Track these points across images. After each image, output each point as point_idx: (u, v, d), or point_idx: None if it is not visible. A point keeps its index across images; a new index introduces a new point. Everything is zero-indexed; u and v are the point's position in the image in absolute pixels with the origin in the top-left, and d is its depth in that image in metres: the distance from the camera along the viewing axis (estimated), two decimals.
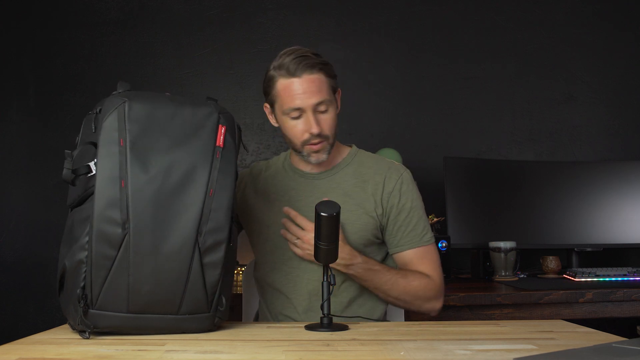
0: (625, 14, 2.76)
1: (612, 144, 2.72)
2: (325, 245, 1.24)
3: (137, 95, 1.15)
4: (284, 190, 1.56)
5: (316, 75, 1.44)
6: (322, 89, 1.45)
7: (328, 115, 1.47)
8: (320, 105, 1.45)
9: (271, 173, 1.62)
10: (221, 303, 1.17)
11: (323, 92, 1.45)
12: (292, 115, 1.45)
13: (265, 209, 1.55)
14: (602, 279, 2.10)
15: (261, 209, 1.56)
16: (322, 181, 1.56)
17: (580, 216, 2.42)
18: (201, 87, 2.60)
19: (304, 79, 1.43)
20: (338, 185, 1.55)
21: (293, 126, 1.47)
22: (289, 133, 1.49)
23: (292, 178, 1.58)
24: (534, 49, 2.73)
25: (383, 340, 1.12)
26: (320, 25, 2.66)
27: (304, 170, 1.58)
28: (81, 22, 2.60)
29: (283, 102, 1.45)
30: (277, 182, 1.59)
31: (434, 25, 2.70)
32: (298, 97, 1.43)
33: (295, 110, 1.44)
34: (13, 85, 2.58)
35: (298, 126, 1.46)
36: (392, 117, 2.64)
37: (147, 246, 1.08)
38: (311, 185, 1.56)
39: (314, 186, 1.55)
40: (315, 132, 1.44)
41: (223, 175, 1.15)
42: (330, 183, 1.56)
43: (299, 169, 1.59)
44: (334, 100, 1.49)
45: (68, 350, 1.03)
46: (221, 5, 2.65)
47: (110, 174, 1.08)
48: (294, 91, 1.43)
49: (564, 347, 1.00)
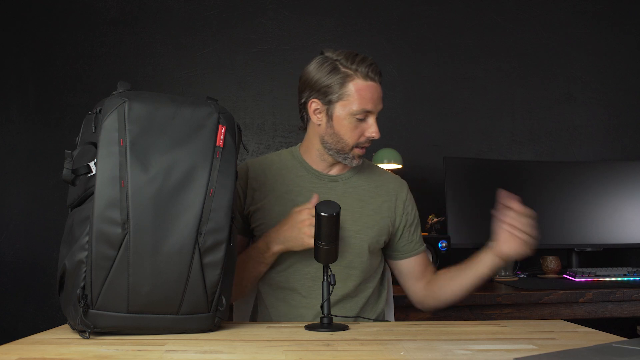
0: (625, 14, 2.76)
1: (612, 144, 2.72)
2: (325, 245, 1.24)
3: (137, 95, 1.15)
4: (298, 188, 1.55)
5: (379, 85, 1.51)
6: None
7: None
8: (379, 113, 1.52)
9: (280, 168, 1.58)
10: (221, 303, 1.17)
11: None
12: (359, 117, 1.48)
13: (276, 205, 1.52)
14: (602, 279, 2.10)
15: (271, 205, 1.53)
16: (338, 184, 1.57)
17: (580, 216, 2.42)
18: (201, 87, 2.60)
19: (378, 86, 1.49)
20: (354, 189, 1.57)
21: (354, 127, 1.49)
22: (345, 133, 1.49)
23: (305, 177, 1.57)
24: (534, 49, 2.73)
25: (383, 340, 1.12)
26: (320, 25, 2.66)
27: (319, 171, 1.57)
28: (81, 22, 2.60)
29: (355, 102, 1.47)
30: (290, 179, 1.56)
31: (434, 25, 2.70)
32: (372, 101, 1.47)
33: (366, 113, 1.48)
34: (13, 85, 2.58)
35: (359, 128, 1.49)
36: (392, 117, 2.64)
37: (147, 246, 1.08)
38: (327, 187, 1.56)
39: (330, 188, 1.56)
40: (377, 137, 1.50)
41: (223, 176, 1.15)
42: (346, 187, 1.57)
43: (313, 168, 1.58)
44: None
45: (68, 350, 1.03)
46: (221, 5, 2.65)
47: (110, 174, 1.08)
48: (371, 95, 1.47)
49: (564, 347, 1.00)
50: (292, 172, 1.57)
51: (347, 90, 1.47)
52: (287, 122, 2.62)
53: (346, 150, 1.51)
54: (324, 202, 1.25)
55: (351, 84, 1.46)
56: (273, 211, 1.52)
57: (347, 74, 1.47)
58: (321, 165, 1.58)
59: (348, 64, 1.47)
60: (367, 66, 1.47)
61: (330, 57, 1.50)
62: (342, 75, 1.47)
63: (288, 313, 1.50)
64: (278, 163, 1.60)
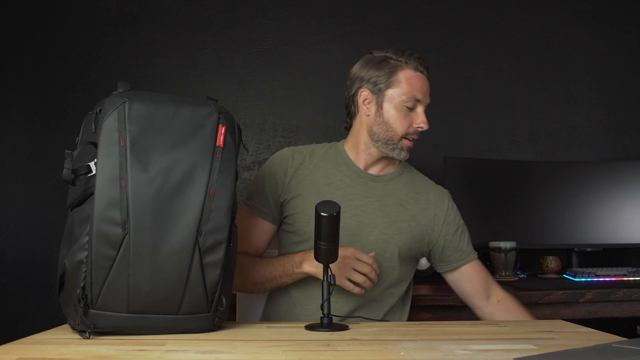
0: (625, 14, 2.76)
1: (612, 144, 2.72)
2: (325, 245, 1.24)
3: (137, 95, 1.15)
4: (339, 182, 1.53)
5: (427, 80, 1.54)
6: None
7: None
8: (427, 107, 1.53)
9: (322, 160, 1.57)
10: (221, 303, 1.17)
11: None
12: (408, 105, 1.49)
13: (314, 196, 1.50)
14: (602, 279, 2.10)
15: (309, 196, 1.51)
16: (378, 184, 1.56)
17: (580, 216, 2.42)
18: (201, 87, 2.60)
19: (426, 79, 1.53)
20: (394, 192, 1.56)
21: (404, 116, 1.50)
22: (395, 121, 1.51)
23: (346, 173, 1.55)
24: (534, 49, 2.73)
25: (383, 340, 1.12)
26: (320, 25, 2.66)
27: (361, 169, 1.56)
28: (81, 22, 2.60)
29: (406, 90, 1.49)
30: (330, 172, 1.55)
31: (434, 25, 2.70)
32: (422, 90, 1.50)
33: (415, 102, 1.50)
34: (13, 85, 2.58)
35: (409, 117, 1.51)
36: None
37: (147, 246, 1.08)
38: (367, 186, 1.55)
39: (370, 188, 1.55)
40: (425, 127, 1.51)
41: (223, 176, 1.15)
42: (386, 189, 1.56)
43: (356, 165, 1.56)
44: None
45: (68, 350, 1.03)
46: (221, 5, 2.65)
47: (110, 174, 1.09)
48: (420, 84, 1.50)
49: (564, 347, 1.00)
50: (333, 165, 1.56)
51: (397, 78, 1.50)
52: (287, 122, 2.62)
53: (395, 140, 1.51)
54: (324, 202, 1.25)
55: (401, 73, 1.50)
56: (310, 202, 1.49)
57: (397, 64, 1.51)
58: (364, 162, 1.56)
59: (397, 57, 1.52)
60: (415, 59, 1.51)
61: (378, 54, 1.56)
62: (391, 65, 1.51)
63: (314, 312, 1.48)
64: (321, 155, 1.58)
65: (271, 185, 1.53)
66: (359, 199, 1.52)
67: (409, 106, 1.49)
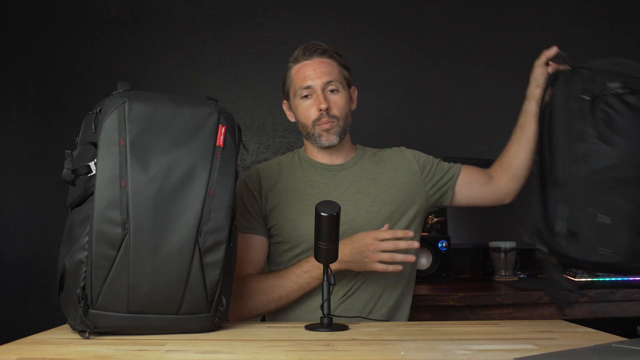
0: (625, 14, 2.76)
1: None
2: (325, 245, 1.24)
3: (137, 95, 1.15)
4: (311, 183, 1.57)
5: (327, 59, 1.55)
6: (333, 72, 1.54)
7: (338, 97, 1.55)
8: (330, 85, 1.53)
9: (289, 168, 1.61)
10: (221, 303, 1.17)
11: (333, 74, 1.54)
12: (303, 94, 1.53)
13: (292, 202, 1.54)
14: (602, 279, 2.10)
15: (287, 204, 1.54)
16: (347, 171, 1.60)
17: None
18: (201, 87, 2.60)
19: (315, 60, 1.54)
20: (363, 172, 1.60)
21: (306, 107, 1.54)
22: (301, 116, 1.56)
23: (314, 172, 1.59)
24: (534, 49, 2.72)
25: (383, 340, 1.12)
26: (320, 25, 2.65)
27: (327, 163, 1.60)
28: (81, 22, 2.60)
29: (295, 84, 1.55)
30: (300, 176, 1.59)
31: (434, 25, 2.70)
32: (309, 76, 1.53)
33: (306, 89, 1.53)
34: (13, 85, 2.58)
35: (309, 105, 1.54)
36: (392, 117, 2.64)
37: (147, 246, 1.08)
38: (338, 177, 1.58)
39: (341, 177, 1.58)
40: (323, 107, 1.51)
41: (223, 176, 1.15)
42: (355, 172, 1.60)
43: (320, 163, 1.60)
44: (346, 87, 1.58)
45: (68, 350, 1.03)
46: (221, 5, 2.65)
47: (110, 174, 1.09)
48: (306, 72, 1.53)
49: (564, 347, 1.00)
50: (300, 170, 1.60)
51: (289, 79, 1.57)
52: (287, 122, 2.61)
53: (310, 132, 1.55)
54: (324, 202, 1.25)
55: (291, 73, 1.56)
56: (290, 208, 1.53)
57: (288, 67, 1.58)
58: (323, 157, 1.60)
59: (290, 59, 1.58)
60: (302, 49, 1.55)
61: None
62: (287, 70, 1.58)
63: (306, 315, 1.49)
64: (286, 164, 1.63)
65: (251, 201, 1.56)
66: (334, 191, 1.55)
67: (304, 95, 1.53)
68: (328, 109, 1.51)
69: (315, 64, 1.53)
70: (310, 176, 1.58)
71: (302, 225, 1.51)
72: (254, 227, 1.55)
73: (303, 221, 1.51)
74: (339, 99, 1.54)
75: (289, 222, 1.53)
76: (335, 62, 1.56)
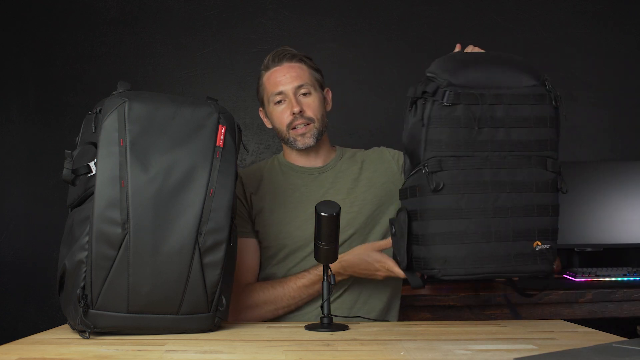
0: (625, 14, 2.76)
1: (612, 144, 2.71)
2: (325, 245, 1.24)
3: (137, 95, 1.15)
4: (292, 186, 1.58)
5: (297, 63, 1.58)
6: (303, 76, 1.57)
7: (311, 99, 1.56)
8: (302, 89, 1.55)
9: (270, 173, 1.62)
10: (221, 303, 1.17)
11: (304, 78, 1.56)
12: (275, 100, 1.56)
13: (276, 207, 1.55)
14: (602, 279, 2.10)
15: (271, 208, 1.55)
16: (327, 173, 1.60)
17: (580, 216, 2.41)
18: (201, 87, 2.60)
19: (285, 66, 1.57)
20: (343, 173, 1.61)
21: (280, 112, 1.56)
22: (275, 121, 1.58)
23: (295, 176, 1.60)
24: (534, 49, 2.73)
25: (383, 340, 1.12)
26: (320, 25, 2.65)
27: (305, 166, 1.60)
28: (81, 22, 2.60)
29: (267, 91, 1.58)
30: (282, 181, 1.59)
31: (434, 25, 2.70)
32: (280, 82, 1.55)
33: (278, 95, 1.55)
34: (13, 85, 2.58)
35: (282, 111, 1.56)
36: (392, 117, 2.64)
37: (147, 246, 1.08)
38: (318, 180, 1.59)
39: (322, 180, 1.59)
40: (295, 110, 1.53)
41: (223, 176, 1.15)
42: (335, 173, 1.60)
43: (300, 166, 1.61)
44: (318, 89, 1.59)
45: (68, 350, 1.03)
46: (221, 5, 2.65)
47: (110, 174, 1.09)
48: (276, 78, 1.56)
49: (564, 347, 1.00)
50: (281, 174, 1.61)
51: (262, 86, 1.60)
52: None
53: (285, 136, 1.57)
54: (324, 202, 1.25)
55: (263, 79, 1.60)
56: (273, 213, 1.54)
57: (261, 74, 1.61)
58: (302, 160, 1.61)
59: (262, 67, 1.61)
60: (270, 57, 1.58)
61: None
62: (260, 77, 1.61)
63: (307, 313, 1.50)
64: (267, 169, 1.63)
65: (240, 206, 1.56)
66: (315, 193, 1.56)
67: (277, 100, 1.56)
68: (301, 111, 1.53)
69: (285, 69, 1.56)
70: (291, 180, 1.59)
71: (285, 229, 1.52)
72: (246, 230, 1.55)
73: (286, 224, 1.53)
74: (312, 101, 1.56)
75: (273, 226, 1.54)
76: (305, 65, 1.59)
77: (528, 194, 1.19)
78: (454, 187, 1.16)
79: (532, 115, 1.21)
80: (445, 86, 1.18)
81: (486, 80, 1.20)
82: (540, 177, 1.20)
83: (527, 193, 1.19)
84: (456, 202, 1.16)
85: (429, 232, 1.15)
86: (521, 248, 1.17)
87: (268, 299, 1.48)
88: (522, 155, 1.19)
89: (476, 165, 1.17)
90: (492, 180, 1.17)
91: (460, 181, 1.16)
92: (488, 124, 1.18)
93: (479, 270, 1.15)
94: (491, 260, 1.15)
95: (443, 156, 1.18)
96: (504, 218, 1.17)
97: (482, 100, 1.18)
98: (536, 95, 1.24)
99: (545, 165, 1.21)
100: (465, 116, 1.17)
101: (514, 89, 1.20)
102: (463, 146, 1.17)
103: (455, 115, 1.17)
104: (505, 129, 1.19)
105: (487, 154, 1.17)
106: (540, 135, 1.22)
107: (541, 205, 1.20)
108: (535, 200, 1.19)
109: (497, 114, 1.18)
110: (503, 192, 1.17)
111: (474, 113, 1.17)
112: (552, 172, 1.22)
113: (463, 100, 1.18)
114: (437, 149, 1.18)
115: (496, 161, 1.17)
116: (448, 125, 1.18)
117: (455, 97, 1.17)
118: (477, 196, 1.16)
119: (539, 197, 1.20)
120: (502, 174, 1.17)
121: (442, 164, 1.17)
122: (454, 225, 1.15)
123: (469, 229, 1.15)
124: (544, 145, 1.23)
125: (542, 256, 1.18)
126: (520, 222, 1.18)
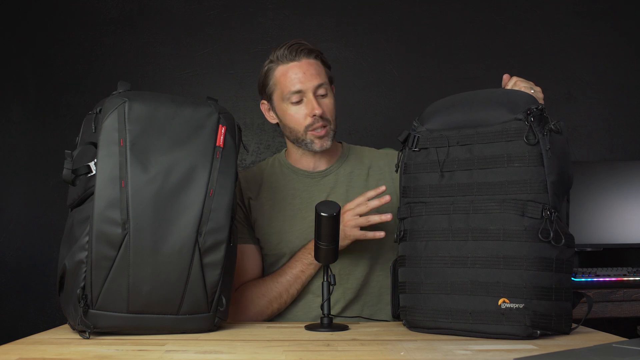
0: (625, 15, 2.76)
1: (612, 144, 2.71)
2: (325, 245, 1.24)
3: (137, 95, 1.15)
4: (292, 191, 1.53)
5: (314, 60, 1.49)
6: (321, 74, 1.48)
7: (328, 100, 1.49)
8: (320, 89, 1.47)
9: (270, 175, 1.57)
10: (221, 303, 1.17)
11: (322, 77, 1.48)
12: (293, 100, 1.46)
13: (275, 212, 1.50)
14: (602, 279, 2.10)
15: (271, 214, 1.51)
16: (328, 178, 1.54)
17: (580, 216, 2.42)
18: (201, 87, 2.60)
19: (303, 62, 1.47)
20: (346, 178, 1.54)
21: (295, 112, 1.47)
22: (290, 121, 1.48)
23: (295, 179, 1.55)
24: (534, 49, 2.73)
25: (383, 340, 1.12)
26: (320, 25, 2.65)
27: (308, 170, 1.55)
28: (81, 22, 2.60)
29: (283, 88, 1.47)
30: (282, 185, 1.54)
31: (433, 25, 2.70)
32: (299, 79, 1.45)
33: (296, 94, 1.45)
34: (13, 85, 2.58)
35: (300, 111, 1.46)
36: (392, 117, 2.64)
37: (147, 246, 1.08)
38: (319, 185, 1.53)
39: (323, 184, 1.54)
40: (318, 112, 1.44)
41: (223, 176, 1.15)
42: (337, 177, 1.54)
43: (302, 169, 1.55)
44: (331, 89, 1.52)
45: (68, 350, 1.03)
46: (221, 5, 2.65)
47: (110, 174, 1.09)
48: (295, 74, 1.46)
49: (564, 347, 1.00)
50: (282, 177, 1.56)
51: (274, 80, 1.49)
52: None
53: (301, 137, 1.48)
54: (324, 202, 1.25)
55: (275, 73, 1.48)
56: (273, 221, 1.50)
57: (271, 66, 1.49)
58: (306, 162, 1.55)
59: (270, 58, 1.50)
60: (286, 49, 1.47)
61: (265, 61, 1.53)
62: (268, 70, 1.50)
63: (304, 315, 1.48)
64: (267, 171, 1.58)
65: (239, 211, 1.52)
66: (317, 198, 1.49)
67: (294, 100, 1.46)
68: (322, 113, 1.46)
69: (304, 66, 1.46)
70: (292, 184, 1.54)
71: (285, 237, 1.49)
72: (244, 236, 1.50)
73: (285, 232, 1.49)
74: (329, 102, 1.49)
75: (272, 235, 1.50)
76: (321, 62, 1.51)
77: (493, 243, 1.06)
78: (416, 234, 1.14)
79: (504, 153, 1.08)
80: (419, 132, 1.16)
81: (464, 121, 1.13)
82: (511, 224, 1.05)
83: (491, 241, 1.06)
84: (416, 250, 1.14)
85: (400, 279, 1.19)
86: (480, 304, 1.07)
87: (259, 292, 1.46)
88: (491, 199, 1.08)
89: (440, 211, 1.11)
90: (455, 228, 1.09)
91: (423, 228, 1.13)
92: (457, 167, 1.11)
93: (432, 324, 1.12)
94: (447, 315, 1.09)
95: (412, 202, 1.16)
96: (461, 269, 1.08)
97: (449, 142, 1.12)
98: (512, 131, 1.08)
99: (522, 210, 1.05)
100: (431, 161, 1.13)
101: (490, 126, 1.10)
102: (429, 191, 1.13)
103: (424, 160, 1.15)
104: (475, 170, 1.10)
105: (453, 198, 1.11)
106: (518, 175, 1.06)
107: (509, 257, 1.05)
108: (502, 251, 1.05)
109: (466, 155, 1.11)
110: (466, 240, 1.08)
111: (439, 157, 1.12)
112: (532, 218, 1.05)
113: (431, 144, 1.14)
114: (408, 195, 1.17)
115: (462, 206, 1.09)
116: (417, 170, 1.16)
117: (423, 141, 1.14)
118: (439, 244, 1.10)
119: (506, 246, 1.05)
120: (469, 220, 1.08)
121: (412, 210, 1.16)
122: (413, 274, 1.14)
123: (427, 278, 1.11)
124: (523, 187, 1.06)
125: (509, 316, 1.05)
126: (480, 273, 1.06)
